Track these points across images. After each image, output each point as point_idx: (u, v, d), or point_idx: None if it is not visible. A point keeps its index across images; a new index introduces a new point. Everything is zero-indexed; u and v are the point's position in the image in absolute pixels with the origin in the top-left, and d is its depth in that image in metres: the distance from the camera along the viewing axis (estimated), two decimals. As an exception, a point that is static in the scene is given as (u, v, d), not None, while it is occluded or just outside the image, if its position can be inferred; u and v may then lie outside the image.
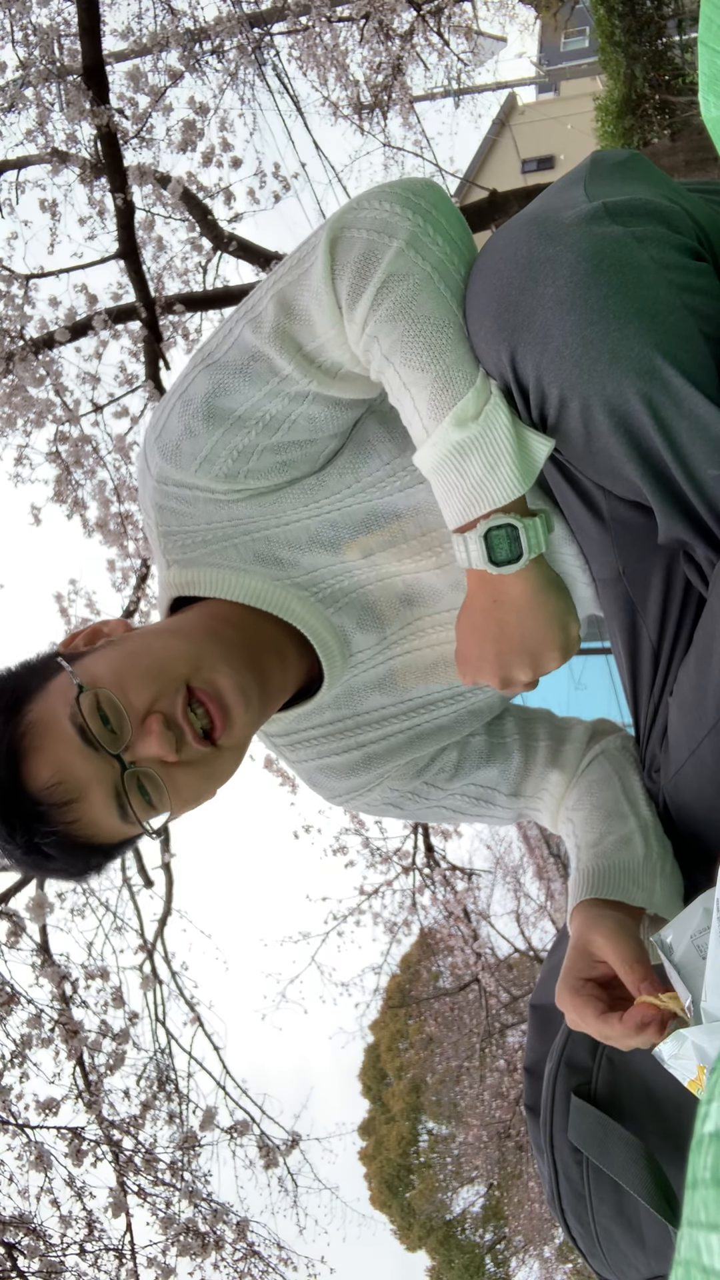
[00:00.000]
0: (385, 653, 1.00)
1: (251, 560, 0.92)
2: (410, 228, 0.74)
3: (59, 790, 0.80)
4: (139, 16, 4.58)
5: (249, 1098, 4.10)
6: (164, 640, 0.88)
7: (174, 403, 0.85)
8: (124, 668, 0.83)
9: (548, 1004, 0.93)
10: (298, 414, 0.83)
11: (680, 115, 7.51)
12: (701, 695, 0.77)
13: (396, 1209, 14.10)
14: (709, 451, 0.67)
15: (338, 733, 1.03)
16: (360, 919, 5.89)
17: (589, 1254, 0.83)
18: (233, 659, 0.87)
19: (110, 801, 0.82)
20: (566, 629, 0.81)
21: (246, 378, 0.81)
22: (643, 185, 0.72)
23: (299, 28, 5.30)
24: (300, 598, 0.94)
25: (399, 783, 1.05)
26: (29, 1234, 2.90)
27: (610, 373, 0.66)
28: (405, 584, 0.96)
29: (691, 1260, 0.33)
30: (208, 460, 0.85)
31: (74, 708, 0.80)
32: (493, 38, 8.71)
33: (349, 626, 0.97)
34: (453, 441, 0.73)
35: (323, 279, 0.76)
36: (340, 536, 0.92)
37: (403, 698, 1.02)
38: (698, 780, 0.79)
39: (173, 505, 0.89)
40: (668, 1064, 0.69)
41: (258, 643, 0.92)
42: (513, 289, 0.68)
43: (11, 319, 3.95)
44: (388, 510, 0.91)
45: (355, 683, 1.01)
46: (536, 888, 11.60)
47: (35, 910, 3.29)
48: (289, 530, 0.91)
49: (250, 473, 0.86)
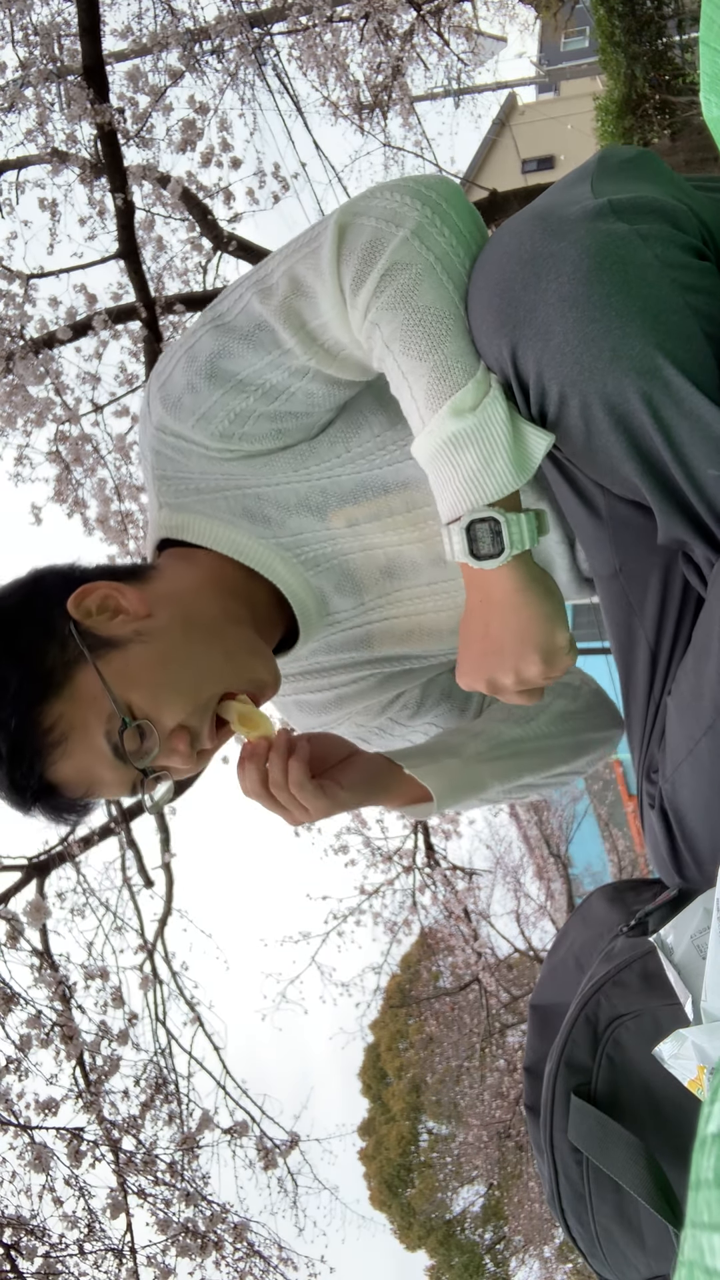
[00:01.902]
0: (362, 617, 1.02)
1: (240, 515, 0.93)
2: (418, 218, 0.75)
3: (82, 791, 0.87)
4: (139, 16, 4.58)
5: (249, 1098, 4.10)
6: (200, 651, 0.89)
7: (180, 356, 0.86)
8: (160, 683, 0.87)
9: (548, 1004, 0.93)
10: (296, 388, 0.85)
11: (680, 115, 7.51)
12: (699, 695, 0.77)
13: (396, 1209, 14.10)
14: (709, 451, 0.67)
15: (312, 674, 1.07)
16: (360, 919, 5.89)
17: (589, 1254, 0.83)
18: (258, 646, 0.93)
19: (125, 790, 0.89)
20: (551, 634, 0.78)
21: (251, 345, 0.83)
22: (650, 183, 0.72)
23: (299, 28, 5.30)
24: (283, 558, 0.95)
25: (365, 719, 1.11)
26: (28, 1234, 2.90)
27: (611, 370, 0.66)
28: (387, 556, 0.98)
29: (695, 1261, 0.33)
30: (205, 418, 0.86)
31: (115, 734, 0.85)
32: (493, 38, 8.71)
33: (328, 590, 0.99)
34: (448, 432, 0.73)
35: (330, 262, 0.77)
36: (328, 504, 0.93)
37: (375, 656, 1.06)
38: (694, 780, 0.79)
39: (168, 453, 0.91)
40: (668, 1064, 0.69)
41: (253, 607, 0.96)
42: (515, 284, 0.68)
43: (11, 319, 3.95)
44: (376, 483, 0.92)
45: (333, 639, 1.04)
46: (536, 888, 11.61)
47: (33, 914, 3.29)
48: (278, 491, 0.92)
49: (245, 436, 0.87)
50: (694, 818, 0.80)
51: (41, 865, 3.85)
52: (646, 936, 0.81)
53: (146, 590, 0.92)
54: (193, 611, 0.92)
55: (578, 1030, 0.82)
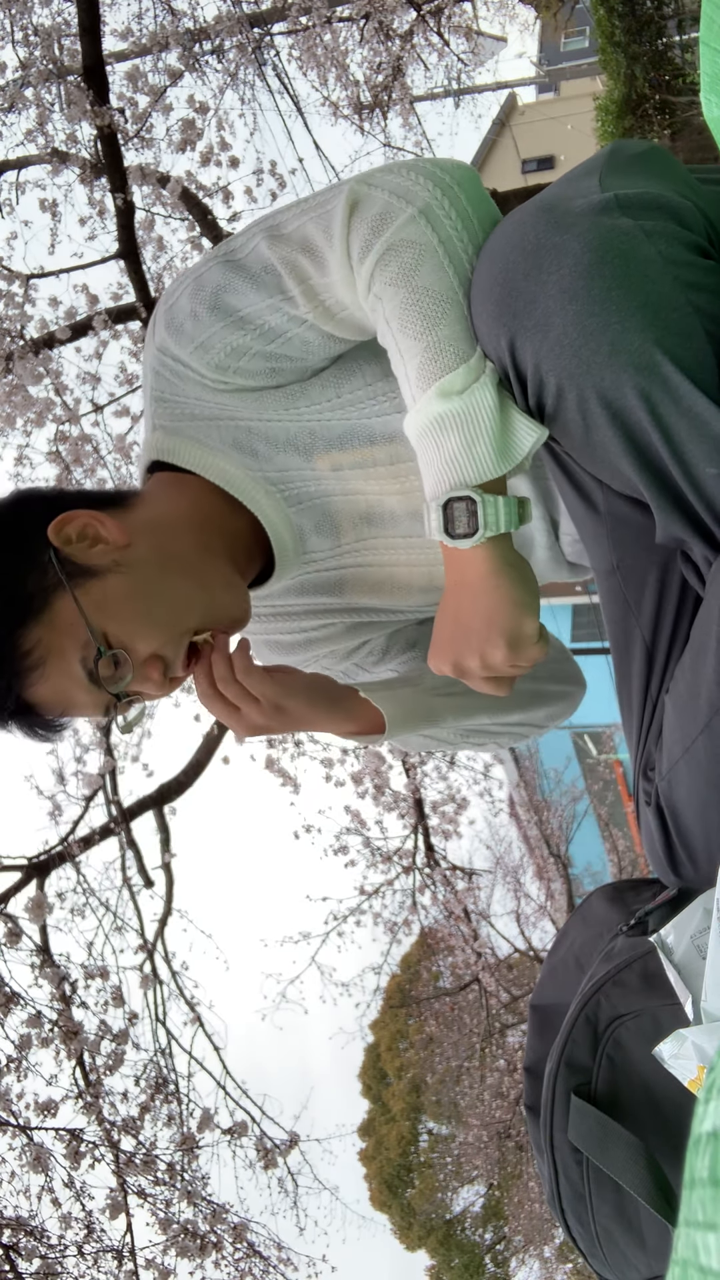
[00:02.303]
0: (337, 560, 1.04)
1: (230, 445, 0.95)
2: (427, 198, 0.76)
3: (58, 712, 0.91)
4: (139, 16, 4.58)
5: (249, 1098, 4.10)
6: (177, 584, 0.92)
7: (189, 282, 0.88)
8: (135, 615, 0.89)
9: (548, 1004, 0.93)
10: (294, 334, 0.86)
11: (680, 115, 7.52)
12: (695, 694, 0.77)
13: (396, 1209, 14.10)
14: (707, 450, 0.67)
15: (284, 615, 1.09)
16: (360, 919, 5.89)
17: (589, 1254, 0.83)
18: (234, 581, 0.95)
19: (99, 712, 0.92)
20: (519, 620, 0.78)
21: (256, 285, 0.84)
22: (659, 179, 0.72)
23: (299, 28, 5.30)
24: (267, 491, 0.97)
25: (330, 662, 1.14)
26: (27, 1235, 2.90)
27: (609, 365, 0.66)
28: (368, 503, 1.00)
29: (689, 1259, 0.33)
30: (203, 347, 0.88)
31: (91, 661, 0.88)
32: (493, 38, 8.70)
33: (307, 528, 1.00)
34: (434, 413, 0.74)
35: (340, 227, 0.78)
36: (315, 446, 0.95)
37: (347, 603, 1.08)
38: (690, 778, 0.79)
39: (167, 375, 0.93)
40: (668, 1064, 0.69)
41: (232, 539, 0.98)
42: (517, 274, 0.68)
43: (11, 319, 3.95)
44: (363, 432, 0.94)
45: (306, 580, 1.06)
46: (536, 888, 11.60)
47: (34, 910, 3.29)
48: (268, 427, 0.94)
49: (239, 370, 0.89)
50: (690, 815, 0.80)
51: (41, 865, 3.85)
52: (646, 936, 0.81)
53: (127, 519, 0.93)
54: (172, 543, 0.94)
55: (578, 1030, 0.82)
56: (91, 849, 4.07)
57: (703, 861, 0.82)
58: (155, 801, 4.37)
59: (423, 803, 5.39)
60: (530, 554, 1.06)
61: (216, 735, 4.39)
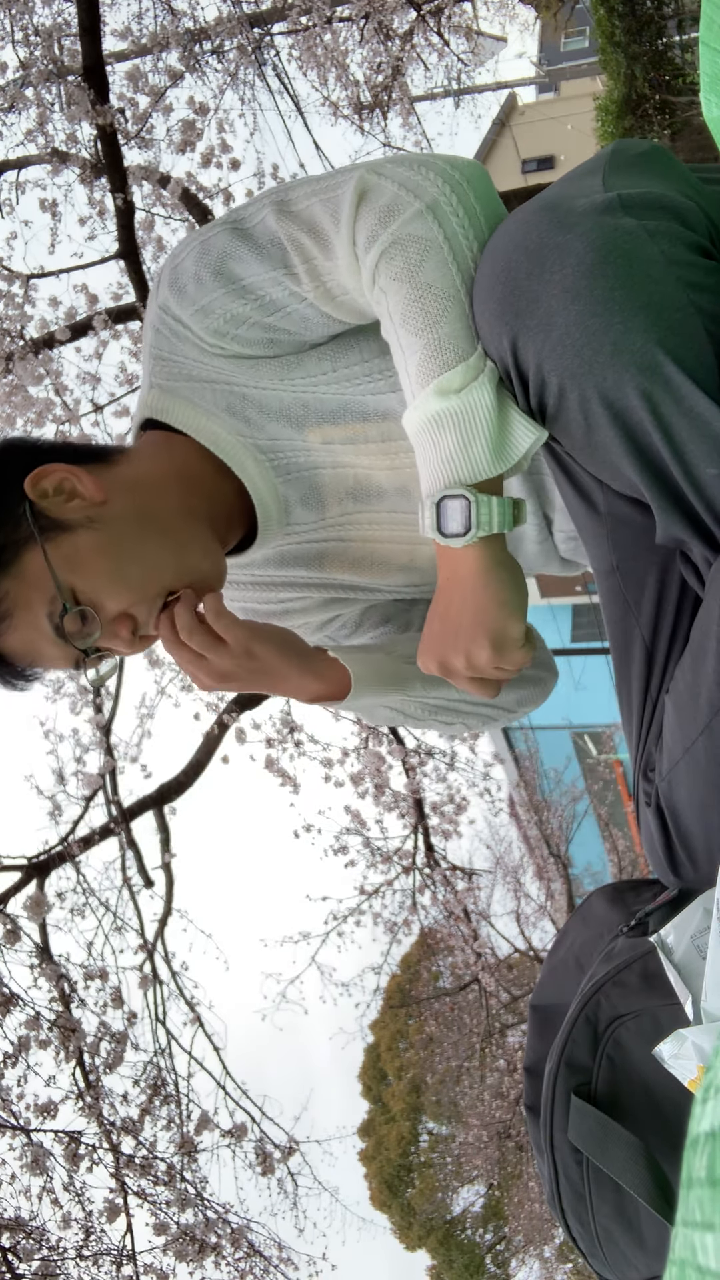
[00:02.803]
0: (320, 533, 1.04)
1: (223, 410, 0.95)
2: (436, 194, 0.77)
3: (26, 663, 0.92)
4: (139, 16, 4.59)
5: (249, 1098, 4.10)
6: (150, 543, 0.91)
7: (195, 245, 0.88)
8: (105, 572, 0.89)
9: (548, 1004, 0.93)
10: (293, 309, 0.87)
11: (680, 115, 7.52)
12: (695, 695, 0.77)
13: (396, 1209, 14.10)
14: (708, 450, 0.67)
15: (263, 585, 1.10)
16: (360, 919, 5.89)
17: (589, 1254, 0.83)
18: (210, 545, 0.95)
19: (69, 665, 0.92)
20: (505, 621, 0.79)
21: (261, 257, 0.85)
22: (662, 179, 0.72)
23: (299, 28, 5.30)
24: (256, 459, 0.98)
25: (304, 633, 1.15)
26: (27, 1236, 2.90)
27: (611, 365, 0.66)
28: (355, 478, 1.00)
29: (686, 1259, 0.32)
30: (203, 310, 0.88)
31: (57, 616, 0.88)
32: (493, 38, 8.70)
33: (292, 499, 1.01)
34: (432, 411, 0.74)
35: (347, 213, 0.79)
36: (307, 418, 0.95)
37: (326, 577, 1.08)
38: (690, 779, 0.79)
39: (167, 334, 0.93)
40: (668, 1064, 0.69)
41: (216, 504, 0.98)
42: (520, 273, 0.68)
43: (11, 319, 3.95)
44: (356, 408, 0.94)
45: (287, 551, 1.06)
46: (536, 888, 11.60)
47: (33, 909, 3.29)
48: (262, 395, 0.94)
49: (237, 338, 0.90)
50: (689, 816, 0.80)
51: (41, 865, 3.85)
52: (646, 936, 0.81)
53: (108, 475, 0.94)
54: (150, 503, 0.94)
55: (578, 1030, 0.82)
56: (91, 849, 4.06)
57: (703, 862, 0.82)
58: (155, 801, 4.37)
59: (423, 803, 5.38)
60: (520, 546, 1.07)
61: (216, 735, 4.39)
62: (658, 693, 0.85)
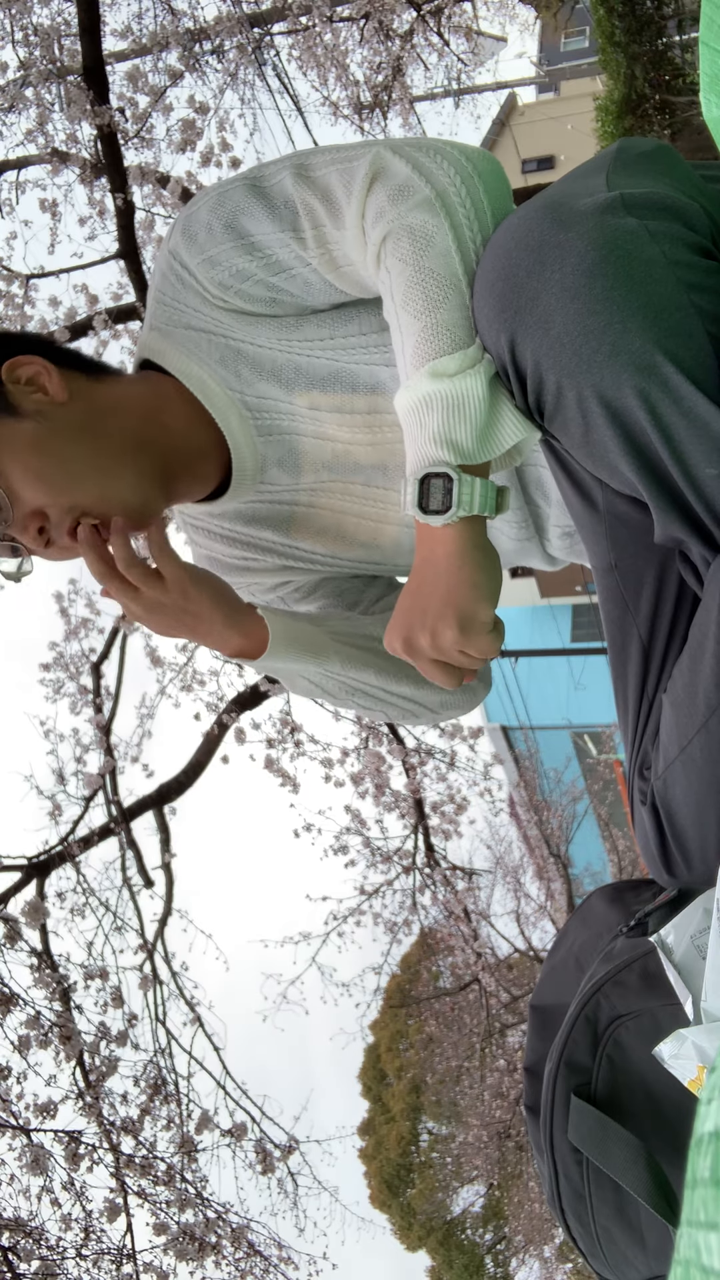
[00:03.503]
0: (292, 497, 1.05)
1: (216, 361, 0.97)
2: (446, 183, 0.78)
3: None
4: (139, 16, 4.59)
5: (249, 1099, 4.10)
6: (80, 454, 0.93)
7: (212, 196, 0.90)
8: (30, 464, 0.90)
9: (548, 1004, 0.93)
10: (298, 272, 0.88)
11: (680, 115, 7.52)
12: (693, 694, 0.77)
13: (396, 1209, 14.10)
14: (707, 450, 0.67)
15: (229, 540, 1.12)
16: (360, 919, 5.89)
17: (589, 1254, 0.83)
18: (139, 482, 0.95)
19: None
20: (474, 604, 0.79)
21: (273, 215, 0.86)
22: (666, 179, 0.72)
23: (299, 28, 5.30)
24: (240, 414, 0.99)
25: (257, 591, 1.17)
26: (26, 1236, 2.90)
27: (609, 365, 0.66)
28: (334, 451, 1.01)
29: (690, 1260, 0.32)
30: (210, 261, 0.90)
31: None
32: (493, 38, 8.70)
33: (270, 460, 1.02)
34: (423, 392, 0.74)
35: (360, 186, 0.81)
36: (297, 382, 0.96)
37: (289, 543, 1.09)
38: (686, 778, 0.79)
39: (173, 279, 0.94)
40: (668, 1064, 0.69)
41: (182, 448, 0.99)
42: (520, 271, 0.68)
43: (11, 319, 3.95)
44: (347, 378, 0.95)
45: (258, 510, 1.07)
46: (536, 888, 11.61)
47: (31, 915, 3.29)
48: (257, 352, 0.95)
49: (240, 293, 0.91)
50: (685, 815, 0.80)
51: (41, 865, 3.85)
52: (646, 937, 0.81)
53: (80, 384, 0.96)
54: (100, 421, 0.95)
55: (578, 1030, 0.82)
56: (91, 849, 4.07)
57: (697, 861, 0.82)
58: (155, 801, 4.37)
59: (423, 803, 5.39)
60: (495, 541, 1.08)
61: (216, 735, 4.39)
62: (654, 691, 0.85)
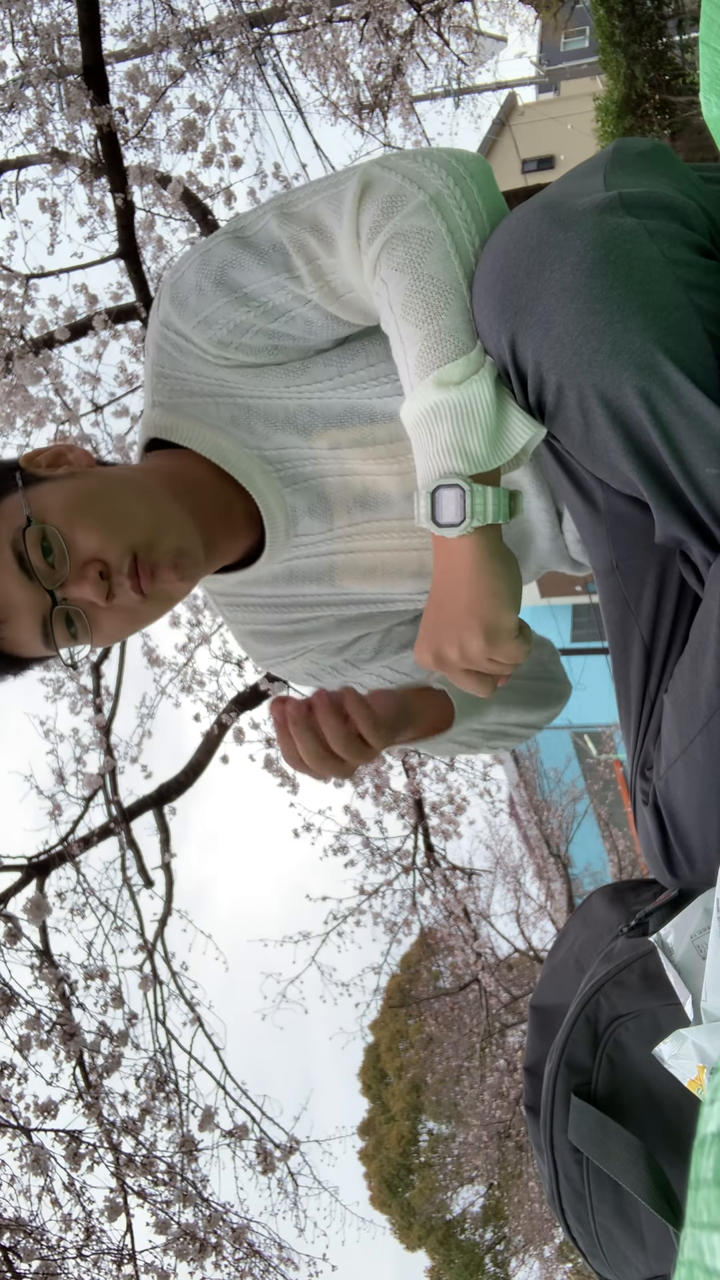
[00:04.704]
0: (329, 545, 1.03)
1: (228, 422, 0.95)
2: (439, 186, 0.77)
3: None
4: (139, 16, 4.59)
5: (249, 1098, 4.10)
6: (126, 495, 0.90)
7: (196, 257, 0.88)
8: (78, 508, 0.86)
9: (548, 1004, 0.93)
10: (297, 313, 0.87)
11: (680, 115, 7.52)
12: (694, 694, 0.77)
13: (396, 1209, 14.10)
14: (707, 450, 0.67)
15: (273, 606, 1.08)
16: (360, 919, 5.89)
17: (589, 1254, 0.83)
18: (187, 524, 0.91)
19: (36, 628, 0.86)
20: (497, 611, 0.78)
21: (263, 262, 0.85)
22: (664, 178, 0.72)
23: (299, 28, 5.30)
24: (263, 470, 0.97)
25: (320, 657, 1.12)
26: (27, 1236, 2.90)
27: (609, 364, 0.66)
28: (363, 485, 0.99)
29: (695, 1261, 0.32)
30: (206, 322, 0.88)
31: (18, 536, 0.83)
32: (493, 38, 8.70)
33: (300, 509, 1.00)
34: (430, 402, 0.74)
35: (351, 208, 0.79)
36: (314, 424, 0.95)
37: (337, 592, 1.06)
38: (688, 778, 0.79)
39: (169, 349, 0.93)
40: (668, 1064, 0.69)
41: (212, 509, 0.96)
42: (519, 271, 0.68)
43: (11, 319, 3.95)
44: (364, 411, 0.94)
45: (296, 566, 1.04)
46: (536, 888, 11.60)
47: (33, 911, 3.29)
48: (268, 404, 0.94)
49: (241, 346, 0.89)
50: (686, 815, 0.80)
51: (41, 865, 3.85)
52: (646, 937, 0.81)
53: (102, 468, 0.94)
54: (138, 474, 0.94)
55: (578, 1030, 0.82)
56: (91, 849, 4.07)
57: (699, 861, 0.82)
58: (155, 801, 4.37)
59: (423, 803, 5.39)
60: (531, 544, 1.06)
61: (216, 735, 4.39)
62: (656, 692, 0.85)
